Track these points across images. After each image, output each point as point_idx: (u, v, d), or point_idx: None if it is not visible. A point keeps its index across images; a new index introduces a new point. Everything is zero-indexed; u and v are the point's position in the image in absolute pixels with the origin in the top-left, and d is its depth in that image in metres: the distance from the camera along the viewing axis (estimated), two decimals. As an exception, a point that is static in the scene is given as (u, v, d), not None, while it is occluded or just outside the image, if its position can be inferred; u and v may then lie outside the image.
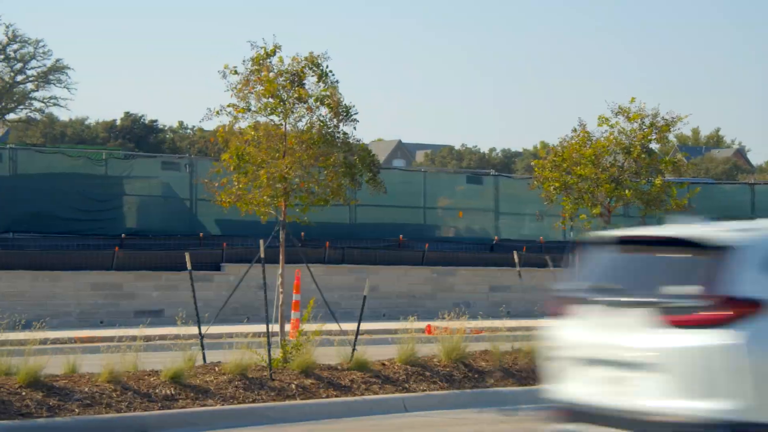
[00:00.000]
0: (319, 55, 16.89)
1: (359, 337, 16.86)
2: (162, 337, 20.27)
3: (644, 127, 18.58)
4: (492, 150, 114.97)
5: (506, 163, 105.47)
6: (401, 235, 30.65)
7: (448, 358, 16.69)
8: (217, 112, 16.72)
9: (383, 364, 16.33)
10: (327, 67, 16.89)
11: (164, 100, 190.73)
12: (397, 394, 15.39)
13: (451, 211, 33.23)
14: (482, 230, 33.20)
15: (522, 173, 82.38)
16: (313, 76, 16.86)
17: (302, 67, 16.75)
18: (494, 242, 31.84)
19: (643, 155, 18.57)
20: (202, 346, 16.54)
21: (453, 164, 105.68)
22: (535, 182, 18.99)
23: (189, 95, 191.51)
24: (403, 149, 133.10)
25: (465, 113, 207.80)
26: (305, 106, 16.78)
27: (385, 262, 29.35)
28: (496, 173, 35.27)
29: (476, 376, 16.43)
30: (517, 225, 33.60)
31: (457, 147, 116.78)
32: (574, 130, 18.86)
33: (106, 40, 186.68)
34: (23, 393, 13.35)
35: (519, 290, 20.32)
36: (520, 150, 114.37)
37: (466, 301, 29.25)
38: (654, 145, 19.40)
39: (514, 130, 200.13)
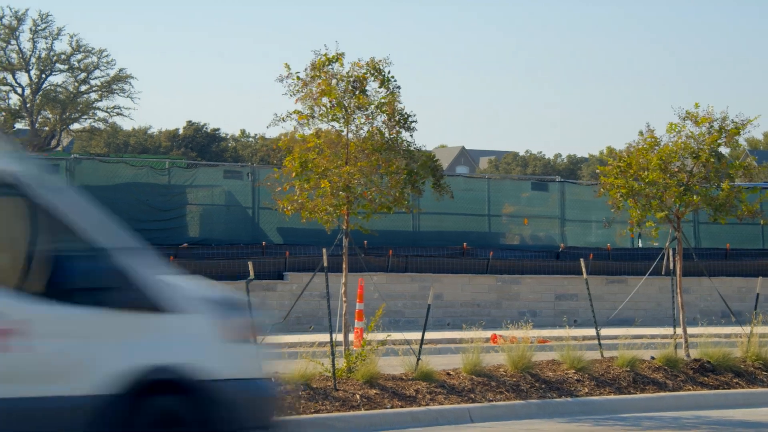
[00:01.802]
0: (380, 61, 16.72)
1: (423, 346, 16.68)
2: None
3: (712, 131, 18.18)
4: (557, 156, 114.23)
5: (572, 169, 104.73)
6: (465, 243, 30.39)
7: (515, 368, 16.50)
8: (284, 119, 16.66)
9: (448, 374, 16.17)
10: (389, 72, 16.72)
11: (227, 108, 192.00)
12: (463, 405, 15.24)
13: (515, 219, 32.91)
14: (548, 237, 32.84)
15: (588, 179, 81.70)
16: (374, 81, 16.69)
17: (364, 73, 16.58)
18: (560, 250, 31.47)
19: (711, 159, 18.16)
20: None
21: (517, 171, 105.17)
22: (602, 189, 18.64)
23: (251, 104, 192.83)
24: (466, 156, 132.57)
25: (530, 119, 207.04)
26: (365, 114, 16.62)
27: (448, 270, 29.09)
28: (562, 179, 34.83)
29: (543, 386, 16.20)
30: (584, 232, 33.19)
31: (522, 153, 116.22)
32: (641, 134, 18.50)
33: (169, 49, 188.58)
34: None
35: (586, 299, 19.96)
36: (586, 155, 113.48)
37: (532, 310, 28.93)
38: (723, 149, 18.97)
39: (580, 136, 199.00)
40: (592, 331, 20.06)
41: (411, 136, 16.79)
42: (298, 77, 16.55)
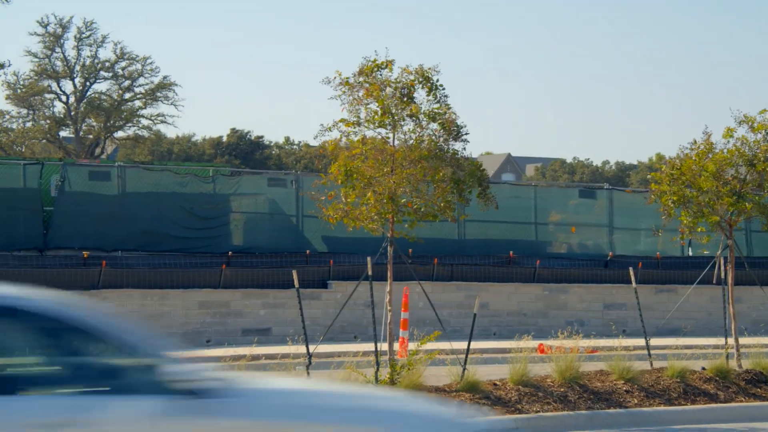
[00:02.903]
0: (429, 68, 16.61)
1: (469, 356, 16.48)
2: (270, 357, 19.98)
3: (770, 138, 17.86)
4: (605, 163, 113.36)
5: (620, 177, 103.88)
6: (511, 252, 30.12)
7: (562, 378, 16.29)
8: (330, 128, 16.56)
9: (494, 385, 15.98)
10: (437, 80, 16.58)
11: (270, 115, 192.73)
12: (509, 416, 15.00)
13: (563, 227, 32.59)
14: (596, 246, 32.47)
15: (637, 186, 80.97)
16: (423, 89, 16.56)
17: (412, 80, 16.45)
18: (608, 258, 31.12)
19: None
20: (309, 366, 16.26)
21: (565, 178, 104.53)
22: (652, 196, 18.34)
23: (295, 111, 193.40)
24: (512, 163, 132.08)
25: (577, 125, 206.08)
26: (416, 123, 16.48)
27: (494, 279, 28.85)
28: (610, 187, 34.46)
29: (591, 396, 15.97)
30: (633, 240, 32.79)
31: (569, 160, 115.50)
32: (695, 142, 18.16)
33: (213, 56, 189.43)
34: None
35: (635, 308, 19.67)
36: (635, 162, 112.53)
37: (580, 320, 28.61)
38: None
39: (628, 142, 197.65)
40: (641, 341, 19.77)
41: (464, 148, 16.69)
42: (346, 81, 16.44)
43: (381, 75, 16.48)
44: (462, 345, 17.09)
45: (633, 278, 19.41)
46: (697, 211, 18.01)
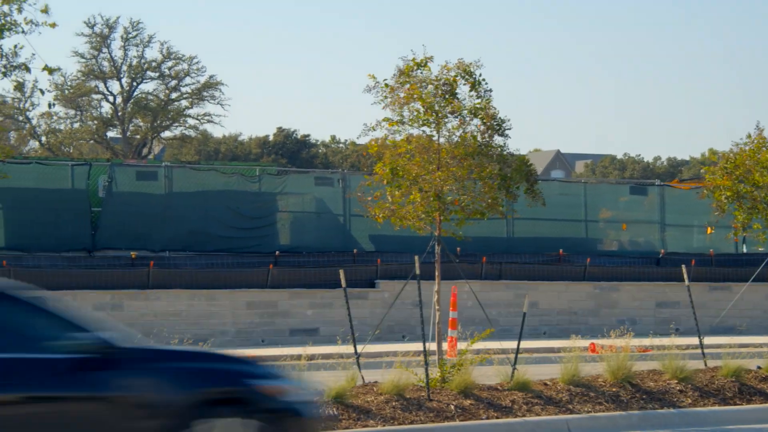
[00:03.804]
0: (471, 63, 16.45)
1: (519, 355, 16.30)
2: (326, 357, 19.93)
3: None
4: (656, 159, 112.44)
5: (672, 173, 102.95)
6: (561, 249, 29.88)
7: (614, 378, 16.10)
8: (373, 127, 16.51)
9: (545, 384, 15.83)
10: (480, 75, 16.43)
11: (316, 114, 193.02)
12: (561, 416, 14.88)
13: (613, 224, 32.30)
14: (647, 243, 32.14)
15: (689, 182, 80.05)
16: (465, 84, 16.40)
17: (454, 76, 16.29)
18: (660, 256, 30.77)
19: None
20: (359, 366, 16.18)
21: (615, 174, 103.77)
22: (705, 191, 18.05)
23: (341, 109, 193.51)
24: (561, 159, 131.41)
25: (627, 121, 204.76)
26: (458, 118, 16.33)
27: (544, 277, 28.63)
28: (662, 183, 34.08)
29: (644, 396, 15.74)
30: (685, 237, 32.42)
31: (619, 156, 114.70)
32: (749, 136, 17.86)
33: (259, 55, 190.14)
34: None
35: (688, 306, 19.36)
36: (687, 158, 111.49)
37: (631, 318, 28.29)
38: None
39: (680, 138, 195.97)
40: (694, 340, 19.45)
41: (505, 142, 16.52)
42: (386, 84, 16.34)
43: (421, 73, 16.36)
44: (511, 344, 16.96)
45: (686, 276, 19.11)
46: (751, 207, 17.72)
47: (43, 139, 67.88)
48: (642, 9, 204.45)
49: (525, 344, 18.20)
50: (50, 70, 20.38)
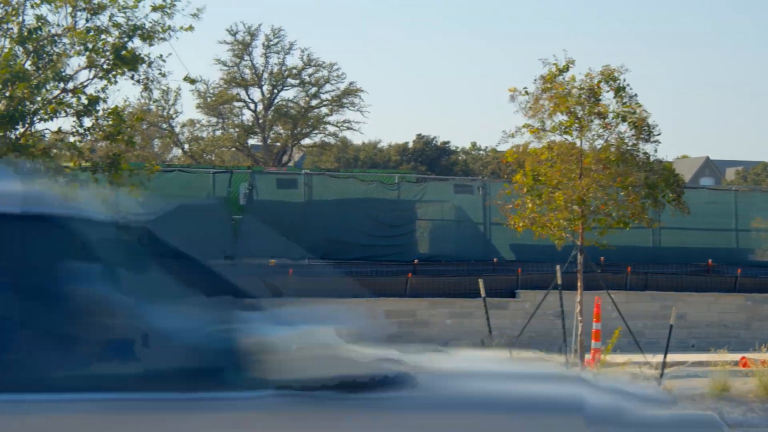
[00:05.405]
0: (615, 69, 16.02)
1: (665, 369, 15.72)
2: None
3: None
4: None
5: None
6: (710, 260, 28.99)
7: (766, 394, 15.30)
8: (513, 135, 16.18)
9: (692, 399, 15.15)
10: (624, 80, 15.98)
11: (457, 121, 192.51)
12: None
13: (767, 233, 31.20)
14: (804, 254, 31.00)
15: None
16: (609, 91, 16.00)
17: (597, 82, 15.90)
18: (820, 266, 29.64)
19: None
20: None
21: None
22: None
23: (482, 115, 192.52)
24: (711, 167, 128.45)
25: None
26: (603, 123, 15.91)
27: (691, 288, 27.86)
28: (819, 190, 32.89)
29: (800, 415, 14.96)
30: None
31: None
32: None
33: (398, 62, 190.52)
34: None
35: None
36: None
37: (787, 332, 27.29)
38: None
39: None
40: None
41: (656, 150, 16.07)
42: (526, 92, 16.02)
43: (564, 78, 16.01)
44: (658, 357, 16.40)
45: None
46: None
47: (186, 146, 68.93)
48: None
49: (672, 357, 17.66)
50: (192, 81, 20.47)
